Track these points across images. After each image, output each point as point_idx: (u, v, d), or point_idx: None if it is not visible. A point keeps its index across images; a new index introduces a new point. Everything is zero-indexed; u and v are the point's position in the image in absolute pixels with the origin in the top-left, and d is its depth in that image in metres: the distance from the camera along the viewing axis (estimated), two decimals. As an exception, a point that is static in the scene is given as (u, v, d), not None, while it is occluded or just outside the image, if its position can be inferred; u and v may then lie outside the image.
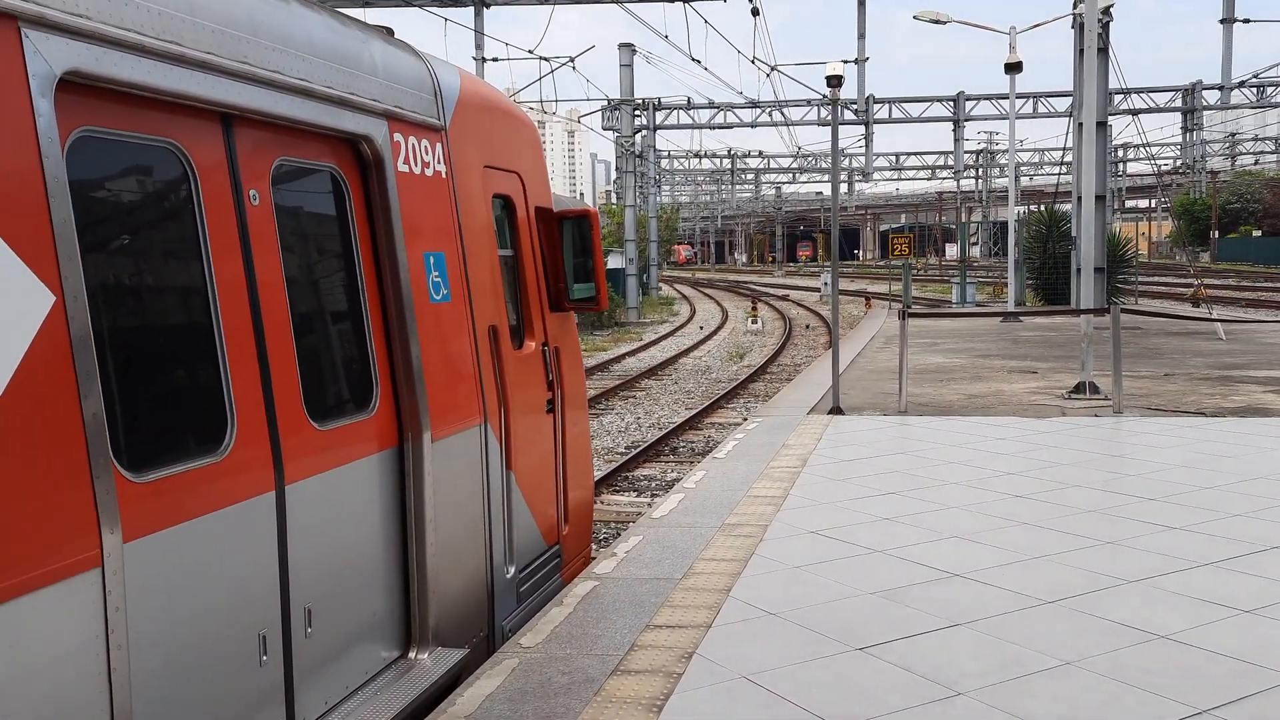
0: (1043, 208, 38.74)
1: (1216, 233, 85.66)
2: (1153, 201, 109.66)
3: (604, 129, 49.57)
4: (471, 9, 33.81)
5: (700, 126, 51.67)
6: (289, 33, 4.72)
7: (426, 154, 5.90)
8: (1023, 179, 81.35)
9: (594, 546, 9.16)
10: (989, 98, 50.54)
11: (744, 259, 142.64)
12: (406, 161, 5.65)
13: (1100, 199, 24.69)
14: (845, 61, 16.94)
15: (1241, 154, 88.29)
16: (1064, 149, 28.13)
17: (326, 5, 5.42)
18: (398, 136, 5.57)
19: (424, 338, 5.59)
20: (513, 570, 6.65)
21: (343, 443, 5.01)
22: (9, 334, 3.20)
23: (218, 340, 4.23)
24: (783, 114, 50.10)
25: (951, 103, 50.89)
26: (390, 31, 6.06)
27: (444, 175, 6.07)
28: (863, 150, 56.53)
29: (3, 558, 3.09)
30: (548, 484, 7.32)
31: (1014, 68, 30.19)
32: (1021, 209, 44.68)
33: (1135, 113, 45.88)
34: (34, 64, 3.37)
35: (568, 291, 7.62)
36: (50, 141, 3.40)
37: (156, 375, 4.04)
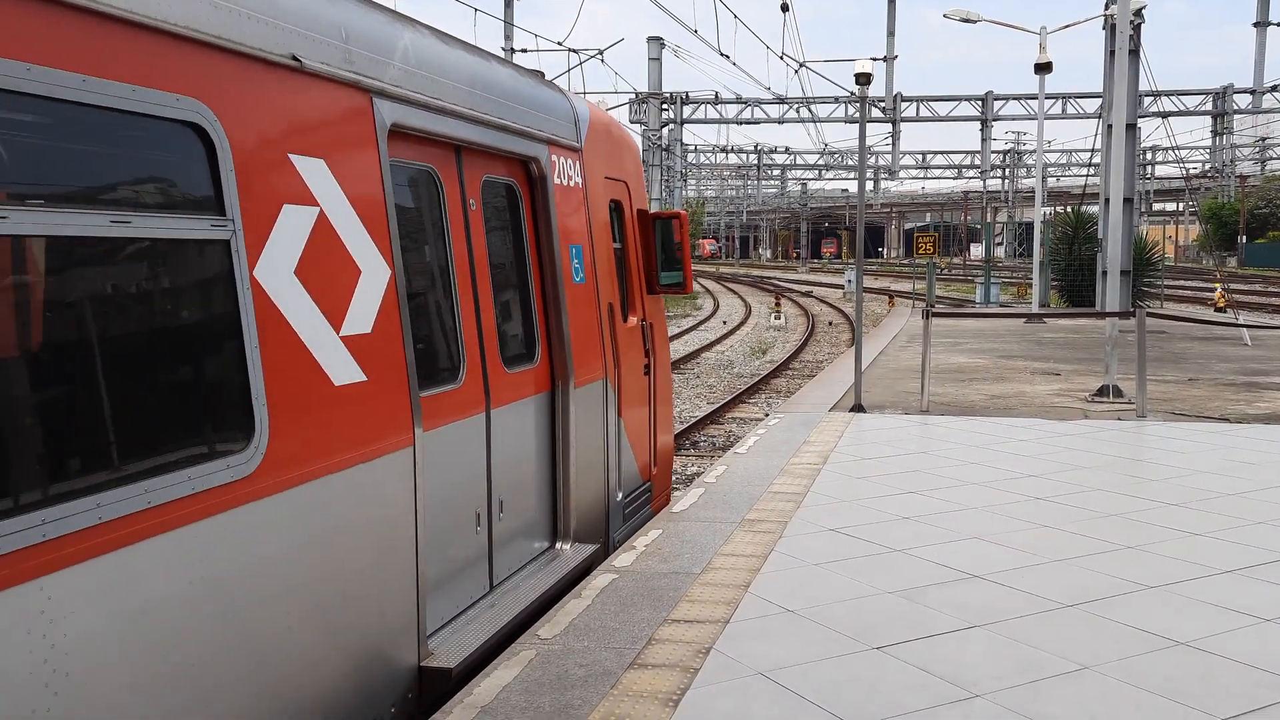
0: (1069, 209, 38.53)
1: (1244, 238, 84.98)
2: (1180, 205, 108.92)
3: (631, 122, 49.62)
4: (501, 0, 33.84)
5: (727, 121, 51.66)
6: (494, 85, 6.54)
7: (570, 170, 7.68)
8: (1050, 180, 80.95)
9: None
10: (1017, 98, 50.33)
11: (768, 254, 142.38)
12: (559, 176, 7.43)
13: (1128, 201, 24.57)
14: (874, 59, 16.91)
15: (1272, 159, 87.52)
16: (1092, 150, 27.97)
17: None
18: (554, 157, 7.36)
19: (570, 310, 7.36)
20: (620, 495, 8.39)
21: (521, 384, 6.81)
22: (374, 292, 5.03)
23: (455, 305, 6.05)
24: (810, 110, 50.01)
25: (980, 102, 50.69)
26: (542, 75, 7.93)
27: (580, 186, 7.86)
28: (889, 148, 56.41)
29: (376, 431, 4.95)
30: (644, 432, 9.06)
31: (1043, 68, 30.04)
32: (1048, 210, 44.42)
33: (1165, 115, 45.63)
34: (379, 120, 5.19)
35: (658, 278, 9.38)
36: (386, 170, 5.22)
37: (429, 325, 5.89)
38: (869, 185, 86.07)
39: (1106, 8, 25.69)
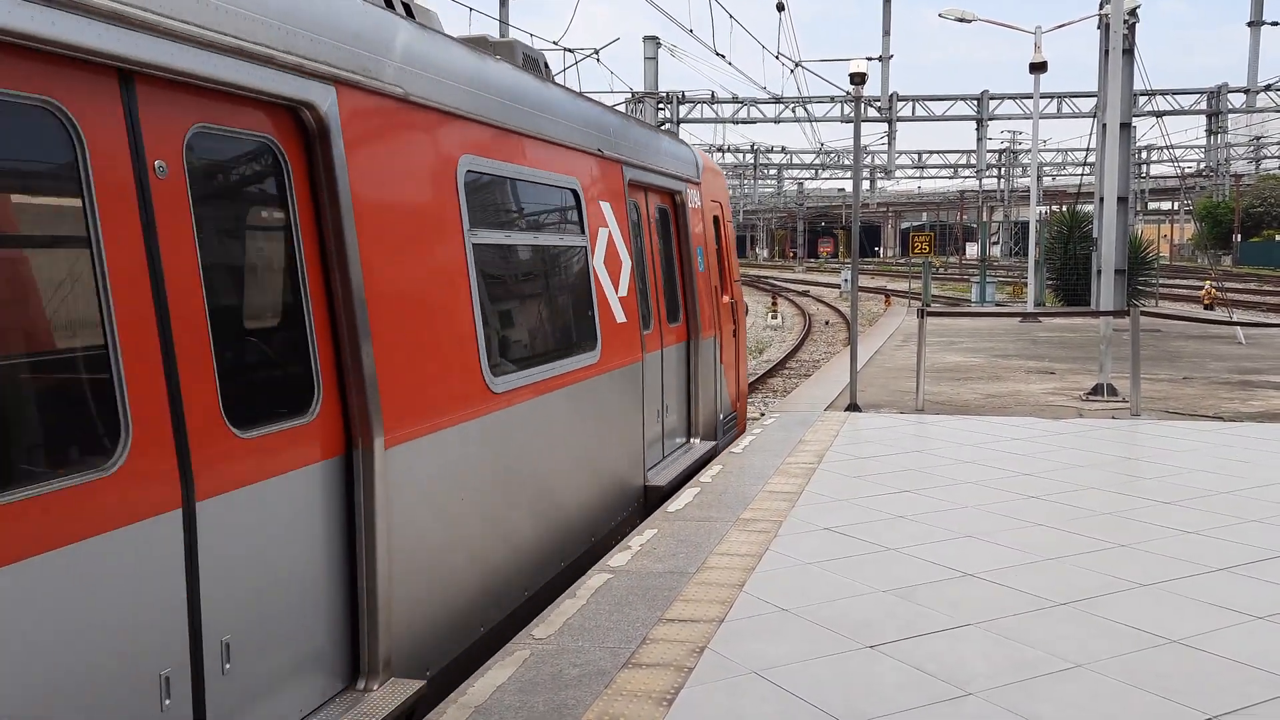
0: (1064, 208, 38.57)
1: (1239, 236, 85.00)
2: (1175, 204, 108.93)
3: (626, 121, 49.36)
4: (496, -1, 33.76)
5: (724, 121, 51.46)
6: (660, 148, 10.53)
7: (694, 196, 11.51)
8: (1045, 179, 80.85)
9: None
10: (1013, 97, 50.24)
11: (765, 254, 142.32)
12: (690, 201, 11.26)
13: (1122, 201, 24.57)
14: (869, 59, 17.00)
15: (1266, 158, 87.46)
16: (1087, 150, 28.00)
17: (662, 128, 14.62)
18: (687, 189, 11.22)
19: (699, 289, 11.17)
20: (722, 415, 11.96)
21: (673, 334, 10.58)
22: (627, 273, 8.89)
23: (647, 281, 9.70)
24: (806, 110, 49.93)
25: (975, 101, 50.63)
26: (676, 135, 11.51)
27: (699, 207, 11.72)
28: (885, 148, 56.36)
29: (629, 351, 8.87)
30: (733, 376, 12.61)
31: (1039, 67, 30.06)
32: (1043, 209, 44.46)
33: (1160, 114, 45.60)
34: (625, 179, 9.05)
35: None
36: (627, 206, 9.05)
37: (641, 292, 9.45)
38: (865, 185, 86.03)
39: (1101, 7, 25.69)
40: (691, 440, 11.18)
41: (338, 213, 4.78)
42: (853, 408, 13.36)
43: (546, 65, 8.59)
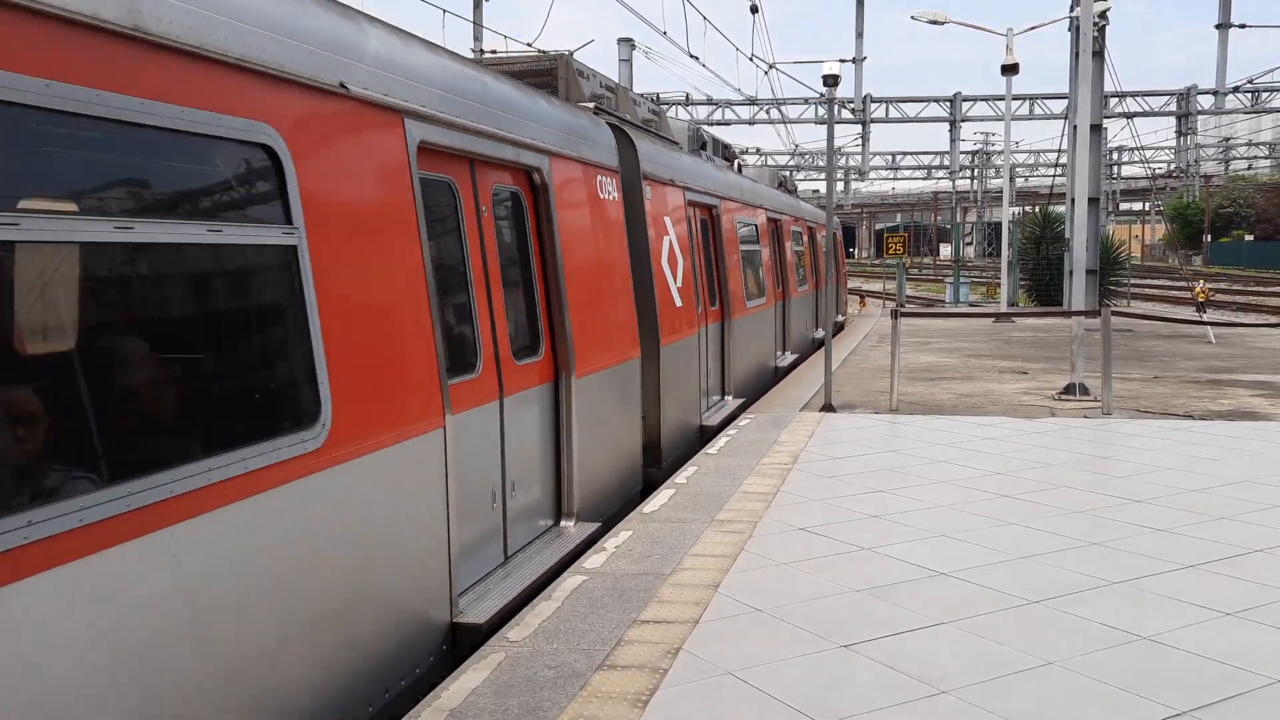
0: (1037, 209, 38.78)
1: (1209, 236, 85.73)
2: (1146, 205, 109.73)
3: (600, 124, 49.34)
4: (470, 0, 33.69)
5: (699, 123, 51.62)
6: (811, 208, 25.95)
7: (818, 233, 25.12)
8: (1018, 180, 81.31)
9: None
10: (985, 99, 50.60)
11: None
12: (815, 232, 24.72)
13: (1094, 201, 24.78)
14: (843, 61, 17.40)
15: (1235, 158, 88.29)
16: (1059, 151, 28.18)
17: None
18: (812, 226, 24.33)
19: (819, 267, 24.57)
20: (820, 334, 22.46)
21: (811, 287, 23.51)
22: (804, 258, 23.43)
23: (818, 266, 24.96)
24: (780, 112, 50.10)
25: (948, 103, 50.92)
26: (823, 207, 27.17)
27: (819, 237, 25.34)
28: (859, 149, 56.57)
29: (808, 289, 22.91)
30: (828, 308, 17.22)
31: (1010, 69, 30.24)
32: (1016, 210, 44.59)
33: (1130, 116, 45.97)
34: (828, 230, 15.52)
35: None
36: (814, 233, 25.27)
37: (799, 274, 21.74)
38: (839, 186, 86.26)
39: (1072, 10, 25.89)
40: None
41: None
42: (828, 408, 13.40)
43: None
